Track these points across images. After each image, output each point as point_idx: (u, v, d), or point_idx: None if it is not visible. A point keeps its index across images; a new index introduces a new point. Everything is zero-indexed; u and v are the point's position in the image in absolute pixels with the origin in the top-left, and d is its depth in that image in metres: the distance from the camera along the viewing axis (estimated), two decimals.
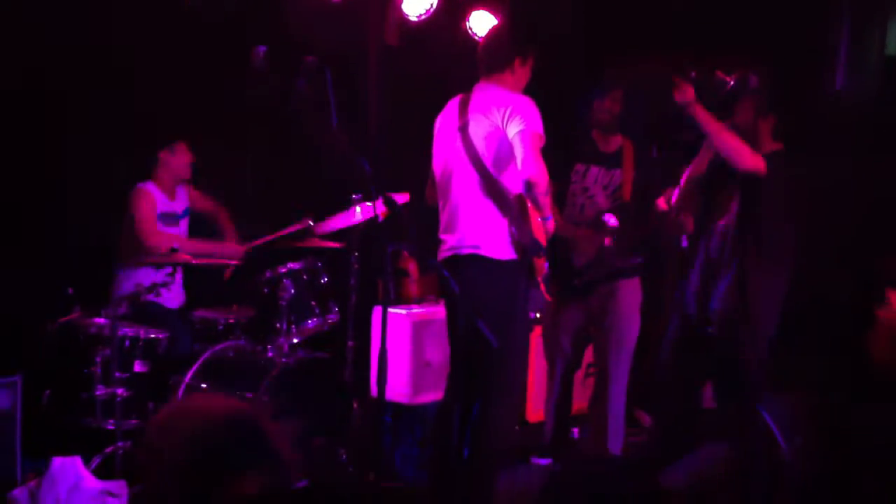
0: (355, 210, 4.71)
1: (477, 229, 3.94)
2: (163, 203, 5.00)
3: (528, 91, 4.03)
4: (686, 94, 4.07)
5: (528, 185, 3.77)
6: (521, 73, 4.04)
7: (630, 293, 4.83)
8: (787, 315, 4.19)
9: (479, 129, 3.93)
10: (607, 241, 4.71)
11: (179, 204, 5.12)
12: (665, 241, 5.78)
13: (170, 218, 5.03)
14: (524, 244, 3.93)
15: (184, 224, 5.14)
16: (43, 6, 4.62)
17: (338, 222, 4.77)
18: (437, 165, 4.11)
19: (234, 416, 2.12)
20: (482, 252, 3.93)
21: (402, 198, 4.60)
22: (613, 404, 4.83)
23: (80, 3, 4.74)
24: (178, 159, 5.03)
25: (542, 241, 3.97)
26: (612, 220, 4.67)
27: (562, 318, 4.88)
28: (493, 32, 4.21)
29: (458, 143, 3.98)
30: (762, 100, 4.19)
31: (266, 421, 2.13)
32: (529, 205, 3.91)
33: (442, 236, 4.07)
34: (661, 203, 4.89)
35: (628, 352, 4.83)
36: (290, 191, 5.89)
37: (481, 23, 5.82)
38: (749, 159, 4.07)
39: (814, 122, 4.74)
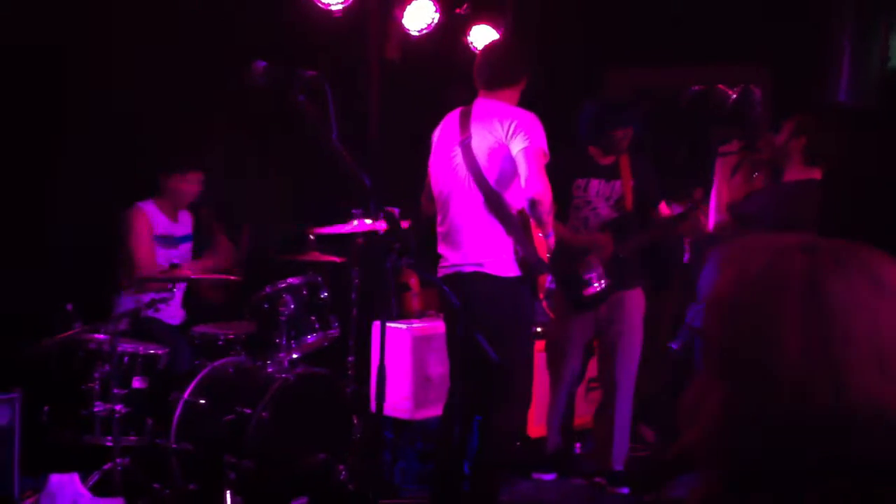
0: (354, 224, 4.68)
1: (481, 247, 3.92)
2: (162, 225, 4.89)
3: (531, 104, 4.03)
4: None
5: (533, 203, 3.75)
6: (518, 89, 4.05)
7: (636, 303, 4.83)
8: None
9: (482, 144, 3.91)
10: (620, 251, 4.71)
11: (181, 228, 5.01)
12: (668, 253, 5.77)
13: (168, 240, 4.92)
14: (528, 261, 3.91)
15: (184, 248, 5.02)
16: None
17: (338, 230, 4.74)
18: (436, 179, 4.09)
19: None
20: (486, 270, 3.91)
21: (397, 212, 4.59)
22: (619, 417, 4.80)
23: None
24: (189, 187, 4.90)
25: (545, 258, 3.95)
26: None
27: (571, 330, 4.85)
28: (498, 48, 4.20)
29: (460, 158, 3.96)
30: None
31: None
32: (532, 222, 3.89)
33: (442, 251, 4.04)
34: (664, 208, 4.88)
35: (634, 362, 4.81)
36: (289, 204, 5.87)
37: (482, 37, 5.83)
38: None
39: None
